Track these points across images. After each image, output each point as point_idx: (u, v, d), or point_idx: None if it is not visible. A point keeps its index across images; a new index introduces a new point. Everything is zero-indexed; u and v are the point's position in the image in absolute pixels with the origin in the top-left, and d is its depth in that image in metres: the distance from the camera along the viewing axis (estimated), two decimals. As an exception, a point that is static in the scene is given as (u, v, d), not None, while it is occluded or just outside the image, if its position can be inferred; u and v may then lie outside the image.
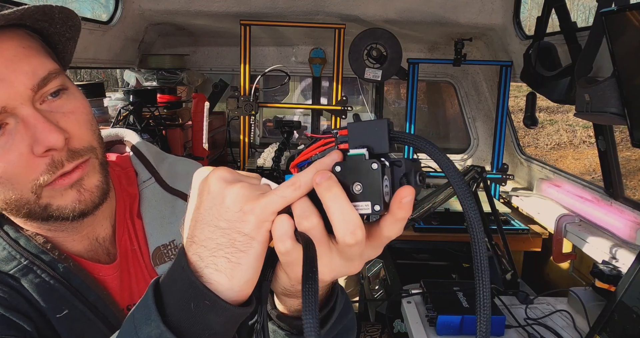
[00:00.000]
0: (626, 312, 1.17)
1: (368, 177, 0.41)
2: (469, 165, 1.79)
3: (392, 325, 1.69)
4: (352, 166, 0.41)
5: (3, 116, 0.58)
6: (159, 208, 0.80)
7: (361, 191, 0.41)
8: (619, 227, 1.73)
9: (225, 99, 2.56)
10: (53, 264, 0.67)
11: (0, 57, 0.58)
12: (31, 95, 0.60)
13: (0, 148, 0.59)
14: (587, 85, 1.47)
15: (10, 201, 0.63)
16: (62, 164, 0.62)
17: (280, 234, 0.42)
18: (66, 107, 0.64)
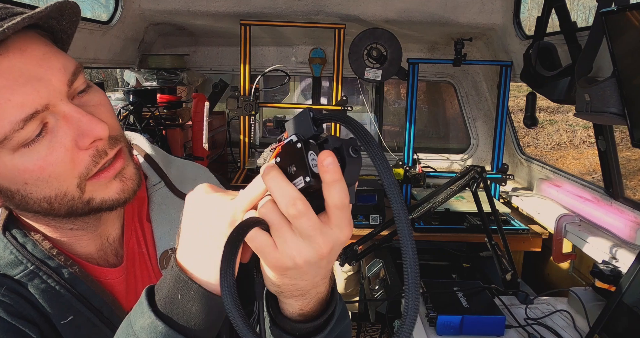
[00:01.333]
0: (626, 312, 1.17)
1: (297, 157, 0.47)
2: (469, 165, 1.79)
3: (392, 325, 1.69)
4: (286, 154, 0.48)
5: (44, 115, 0.58)
6: (168, 212, 0.81)
7: (295, 170, 0.47)
8: (619, 227, 1.73)
9: (225, 99, 2.56)
10: (58, 270, 0.68)
11: (32, 58, 0.58)
12: (67, 90, 0.61)
13: (45, 147, 0.59)
14: (587, 85, 1.47)
15: (52, 200, 0.63)
16: (106, 153, 0.63)
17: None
18: (94, 100, 0.65)
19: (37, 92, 0.57)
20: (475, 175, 1.74)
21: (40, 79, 0.58)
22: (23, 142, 0.58)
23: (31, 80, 0.57)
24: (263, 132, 3.32)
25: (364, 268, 2.29)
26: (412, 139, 2.47)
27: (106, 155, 0.63)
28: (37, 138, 0.58)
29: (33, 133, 0.58)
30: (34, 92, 0.57)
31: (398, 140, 3.16)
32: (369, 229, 1.98)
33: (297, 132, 0.47)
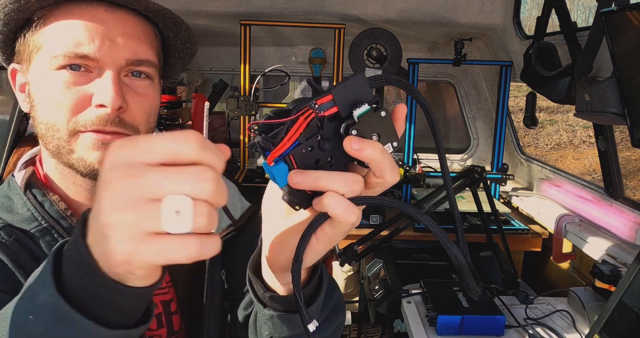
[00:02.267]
0: (626, 312, 1.17)
1: (381, 125, 0.45)
2: (469, 165, 1.79)
3: (392, 325, 1.69)
4: (364, 124, 0.45)
5: (93, 63, 0.68)
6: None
7: (379, 138, 0.45)
8: (619, 227, 1.73)
9: (225, 99, 2.56)
10: (70, 230, 0.72)
11: (123, 26, 0.70)
12: (122, 65, 0.70)
13: (72, 79, 0.68)
14: (587, 85, 1.47)
15: (49, 126, 0.70)
16: (106, 123, 0.68)
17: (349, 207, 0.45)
18: (141, 89, 0.73)
19: (101, 46, 0.67)
20: (475, 175, 1.74)
21: (112, 41, 0.68)
22: (62, 66, 0.67)
23: (108, 36, 0.68)
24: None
25: (364, 268, 2.29)
26: (412, 139, 2.47)
27: (104, 125, 0.68)
28: (73, 70, 0.68)
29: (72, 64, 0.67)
30: (101, 44, 0.67)
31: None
32: (369, 229, 1.98)
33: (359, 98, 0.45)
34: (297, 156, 0.45)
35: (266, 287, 0.59)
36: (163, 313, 0.86)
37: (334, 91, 0.44)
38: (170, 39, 0.80)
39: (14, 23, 0.70)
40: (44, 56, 0.69)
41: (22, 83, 0.75)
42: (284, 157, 0.44)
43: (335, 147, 0.46)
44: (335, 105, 0.44)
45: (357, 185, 0.45)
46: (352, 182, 0.44)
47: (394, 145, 0.47)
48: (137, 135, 0.69)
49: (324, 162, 0.46)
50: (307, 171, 0.44)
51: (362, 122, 0.44)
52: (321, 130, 0.45)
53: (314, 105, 0.44)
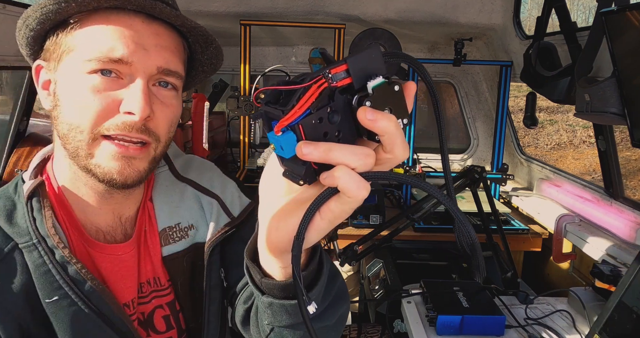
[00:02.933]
0: (626, 312, 1.17)
1: (394, 99, 0.45)
2: (469, 165, 1.79)
3: (392, 325, 1.69)
4: (378, 97, 0.43)
5: (124, 68, 0.69)
6: (168, 194, 0.88)
7: (391, 112, 0.44)
8: (619, 227, 1.73)
9: (225, 99, 2.56)
10: (53, 250, 0.72)
11: (157, 38, 0.72)
12: (153, 72, 0.72)
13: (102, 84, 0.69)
14: (587, 85, 1.47)
15: (72, 127, 0.70)
16: (131, 129, 0.70)
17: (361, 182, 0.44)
18: (167, 100, 0.75)
19: (135, 52, 0.69)
20: (475, 175, 1.74)
21: (147, 50, 0.70)
22: (94, 70, 0.69)
23: (142, 45, 0.70)
24: (263, 132, 3.32)
25: (364, 268, 2.29)
26: (412, 138, 2.47)
27: (129, 131, 0.70)
28: (104, 75, 0.69)
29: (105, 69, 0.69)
30: (135, 50, 0.69)
31: (398, 140, 3.15)
32: (369, 229, 1.98)
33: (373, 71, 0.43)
34: (306, 127, 0.42)
35: (264, 273, 0.59)
36: (170, 314, 0.86)
37: (349, 61, 0.42)
38: (197, 53, 0.82)
39: (50, 23, 0.71)
40: (75, 58, 0.70)
41: (46, 80, 0.76)
42: (292, 127, 0.42)
43: (345, 121, 0.44)
44: (349, 75, 0.43)
45: (369, 158, 0.43)
46: (364, 155, 0.43)
47: (404, 122, 0.45)
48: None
49: (332, 136, 0.44)
50: (316, 142, 0.42)
51: (376, 94, 0.43)
52: (332, 102, 0.43)
53: (327, 74, 0.42)
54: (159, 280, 0.86)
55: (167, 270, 0.86)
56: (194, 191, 0.90)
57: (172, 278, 0.87)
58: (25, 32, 0.73)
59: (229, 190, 0.93)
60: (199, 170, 0.95)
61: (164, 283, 0.86)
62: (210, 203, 0.89)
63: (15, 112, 1.75)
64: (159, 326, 0.85)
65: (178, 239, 0.87)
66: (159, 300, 0.86)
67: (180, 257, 0.87)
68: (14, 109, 1.76)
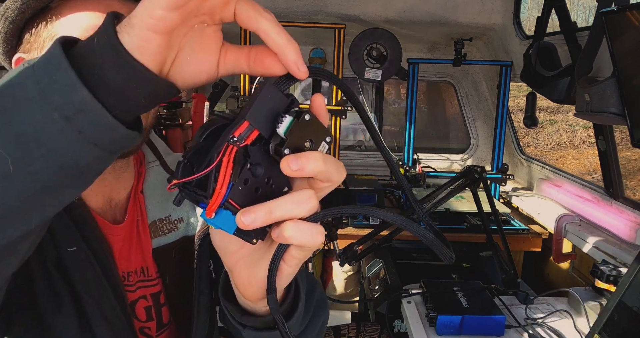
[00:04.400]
0: (626, 312, 1.17)
1: (310, 128, 0.42)
2: (469, 165, 1.79)
3: (392, 325, 1.69)
4: (293, 137, 0.41)
5: None
6: (158, 187, 0.89)
7: (312, 144, 0.42)
8: (619, 227, 1.73)
9: (225, 99, 2.56)
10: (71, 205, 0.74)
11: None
12: None
13: None
14: (587, 85, 1.47)
15: None
16: None
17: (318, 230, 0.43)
18: None
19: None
20: (475, 175, 1.74)
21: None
22: None
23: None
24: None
25: (364, 268, 2.29)
26: (412, 139, 2.47)
27: None
28: None
29: None
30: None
31: (398, 140, 3.16)
32: (369, 229, 1.98)
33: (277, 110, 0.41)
34: (235, 197, 0.40)
35: (242, 310, 0.58)
36: (152, 305, 0.87)
37: (248, 117, 0.39)
38: None
39: (30, 11, 0.71)
40: None
41: None
42: (224, 205, 0.40)
43: (269, 167, 0.42)
44: (254, 128, 0.40)
45: (311, 201, 0.42)
46: (305, 200, 0.42)
47: (327, 141, 0.44)
48: None
49: (264, 187, 0.43)
50: (254, 208, 0.40)
51: (290, 137, 0.41)
52: (249, 158, 0.41)
53: (232, 140, 0.39)
54: (147, 271, 0.87)
55: (157, 262, 0.87)
56: None
57: (161, 271, 0.87)
58: (4, 26, 0.73)
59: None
60: None
61: (152, 274, 0.87)
62: None
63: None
64: (140, 315, 0.86)
65: (168, 232, 0.88)
66: (144, 290, 0.87)
67: (169, 249, 0.88)
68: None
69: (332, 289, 2.66)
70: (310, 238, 0.42)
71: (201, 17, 0.42)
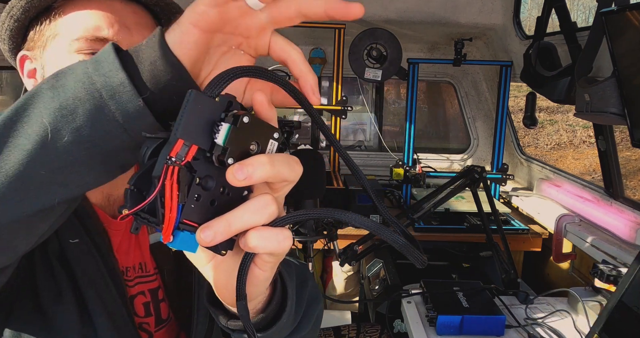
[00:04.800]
0: (626, 312, 1.17)
1: (252, 129, 0.40)
2: (469, 165, 1.79)
3: (392, 325, 1.69)
4: (234, 144, 0.38)
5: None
6: None
7: (258, 146, 0.41)
8: (619, 227, 1.73)
9: (225, 99, 2.56)
10: None
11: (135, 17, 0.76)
12: None
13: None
14: (587, 85, 1.47)
15: None
16: None
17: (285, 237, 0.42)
18: None
19: (119, 31, 0.72)
20: (475, 175, 1.74)
21: (129, 29, 0.74)
22: (81, 49, 0.71)
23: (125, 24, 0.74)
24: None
25: (364, 268, 2.29)
26: (412, 139, 2.47)
27: None
28: (90, 55, 0.70)
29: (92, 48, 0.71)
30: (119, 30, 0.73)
31: (398, 140, 3.16)
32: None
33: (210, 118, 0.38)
34: (190, 216, 0.39)
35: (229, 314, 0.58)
36: (151, 301, 0.86)
37: (179, 134, 0.37)
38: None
39: (34, 10, 0.73)
40: (62, 41, 0.73)
41: (32, 69, 0.78)
42: (179, 227, 0.39)
43: (221, 177, 0.39)
44: (191, 144, 0.37)
45: (270, 207, 0.41)
46: (264, 207, 0.41)
47: (275, 138, 0.42)
48: None
49: (221, 198, 0.41)
50: (212, 223, 0.39)
51: (231, 145, 0.38)
52: (195, 173, 0.39)
53: (170, 161, 0.37)
54: (145, 266, 0.87)
55: (154, 257, 0.87)
56: None
57: (159, 266, 0.87)
58: (9, 24, 0.75)
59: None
60: None
61: (150, 269, 0.87)
62: None
63: (15, 112, 1.75)
64: (138, 311, 0.86)
65: None
66: (143, 286, 0.86)
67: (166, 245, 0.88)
68: (14, 109, 1.76)
69: (332, 289, 2.66)
70: (277, 244, 0.41)
71: (238, 38, 0.45)
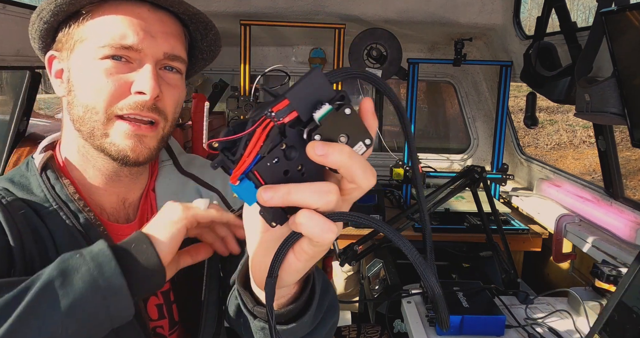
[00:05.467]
0: (626, 312, 1.17)
1: (348, 123, 0.41)
2: (469, 165, 1.79)
3: (392, 325, 1.69)
4: (328, 126, 0.40)
5: (134, 54, 0.75)
6: (171, 186, 0.92)
7: (348, 139, 0.42)
8: (619, 227, 1.73)
9: (225, 99, 2.56)
10: (76, 214, 0.77)
11: (162, 25, 0.78)
12: (160, 58, 0.77)
13: (114, 68, 0.74)
14: (587, 85, 1.47)
15: (87, 109, 0.76)
16: (142, 108, 0.75)
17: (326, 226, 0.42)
18: (172, 82, 0.81)
19: (144, 39, 0.75)
20: (475, 175, 1.74)
21: (154, 36, 0.76)
22: (106, 56, 0.74)
23: (150, 33, 0.76)
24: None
25: (364, 268, 2.29)
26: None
27: (141, 110, 0.75)
28: (115, 60, 0.74)
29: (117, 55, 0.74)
30: (144, 37, 0.75)
31: (398, 140, 3.16)
32: (369, 229, 1.98)
33: (319, 98, 0.41)
34: (262, 171, 0.41)
35: (256, 300, 0.58)
36: (164, 304, 0.87)
37: (289, 95, 0.40)
38: (197, 41, 0.87)
39: (63, 14, 0.76)
40: (88, 46, 0.75)
41: (59, 69, 0.81)
42: (247, 174, 0.41)
43: (304, 155, 0.41)
44: (293, 109, 0.40)
45: (330, 195, 0.42)
46: (325, 192, 0.41)
47: (366, 143, 0.42)
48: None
49: (294, 172, 0.42)
50: (275, 186, 0.41)
51: (325, 124, 0.40)
52: (285, 139, 0.41)
53: (269, 114, 0.40)
54: None
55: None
56: (196, 185, 0.94)
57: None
58: (39, 25, 0.77)
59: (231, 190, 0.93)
60: (202, 167, 0.99)
61: None
62: (210, 196, 0.93)
63: (15, 112, 1.75)
64: (152, 313, 0.86)
65: None
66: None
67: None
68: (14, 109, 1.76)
69: (332, 289, 2.66)
70: (320, 232, 0.41)
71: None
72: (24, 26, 1.55)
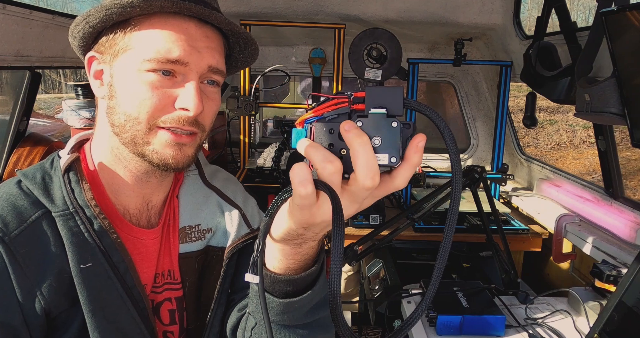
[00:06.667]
0: (626, 312, 1.17)
1: (387, 133, 0.48)
2: (469, 165, 1.79)
3: (392, 325, 1.69)
4: (372, 122, 0.47)
5: (180, 68, 0.77)
6: (194, 195, 0.94)
7: (380, 145, 0.48)
8: (619, 227, 1.73)
9: (225, 99, 2.56)
10: (91, 219, 0.78)
11: (207, 40, 0.80)
12: (204, 72, 0.79)
13: (159, 82, 0.76)
14: (587, 85, 1.47)
15: (129, 118, 0.77)
16: (184, 123, 0.78)
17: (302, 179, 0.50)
18: (212, 95, 0.83)
19: (190, 53, 0.77)
20: (475, 175, 1.74)
21: (200, 51, 0.78)
22: (152, 69, 0.76)
23: (196, 47, 0.78)
24: (263, 132, 3.32)
25: (364, 268, 2.29)
26: (412, 139, 2.47)
27: (182, 125, 0.78)
28: (160, 75, 0.76)
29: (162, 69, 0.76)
30: (190, 52, 0.77)
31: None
32: (369, 229, 1.98)
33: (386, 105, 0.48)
34: (316, 130, 0.50)
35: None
36: (176, 310, 0.89)
37: (368, 89, 0.48)
38: (235, 51, 0.91)
39: (110, 22, 0.77)
40: (133, 57, 0.77)
41: (98, 70, 0.82)
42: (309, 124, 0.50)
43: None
44: (362, 102, 0.48)
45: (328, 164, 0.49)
46: (328, 161, 0.49)
47: (392, 161, 0.48)
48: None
49: (336, 150, 0.49)
50: (308, 141, 0.50)
51: (371, 119, 0.47)
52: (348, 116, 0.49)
53: (350, 95, 0.49)
54: (173, 274, 0.90)
55: (180, 267, 0.90)
56: (218, 198, 0.96)
57: (182, 276, 0.90)
58: (84, 28, 0.79)
59: (250, 205, 0.99)
60: (225, 181, 1.01)
61: (177, 277, 0.90)
62: (232, 212, 0.95)
63: (15, 112, 1.75)
64: (164, 318, 0.88)
65: (195, 239, 0.92)
66: (170, 293, 0.89)
67: (193, 257, 0.91)
68: (14, 109, 1.76)
69: (332, 289, 2.66)
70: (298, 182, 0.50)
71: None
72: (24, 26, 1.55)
